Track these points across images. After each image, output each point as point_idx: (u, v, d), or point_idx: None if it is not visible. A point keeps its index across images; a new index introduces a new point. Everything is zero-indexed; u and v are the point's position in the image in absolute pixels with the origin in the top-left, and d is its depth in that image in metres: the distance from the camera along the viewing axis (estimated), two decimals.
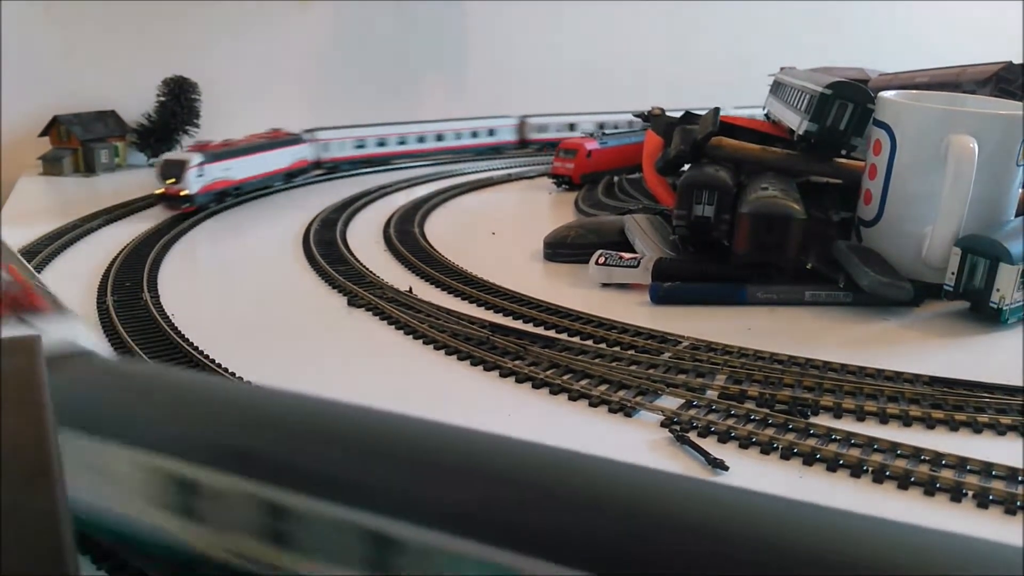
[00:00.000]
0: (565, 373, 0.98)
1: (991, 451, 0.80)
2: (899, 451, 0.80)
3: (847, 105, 1.34)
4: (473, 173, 2.27)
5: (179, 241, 1.56)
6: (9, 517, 0.34)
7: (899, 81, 1.64)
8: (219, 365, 0.98)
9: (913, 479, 0.76)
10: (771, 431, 0.84)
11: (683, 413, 0.88)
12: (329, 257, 1.46)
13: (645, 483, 0.45)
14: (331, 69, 2.55)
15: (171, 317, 1.14)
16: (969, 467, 0.78)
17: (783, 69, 1.94)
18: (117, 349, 1.03)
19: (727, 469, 0.78)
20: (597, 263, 1.32)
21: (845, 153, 1.41)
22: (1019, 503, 0.72)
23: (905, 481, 0.76)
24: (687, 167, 1.44)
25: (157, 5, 2.28)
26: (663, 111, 1.90)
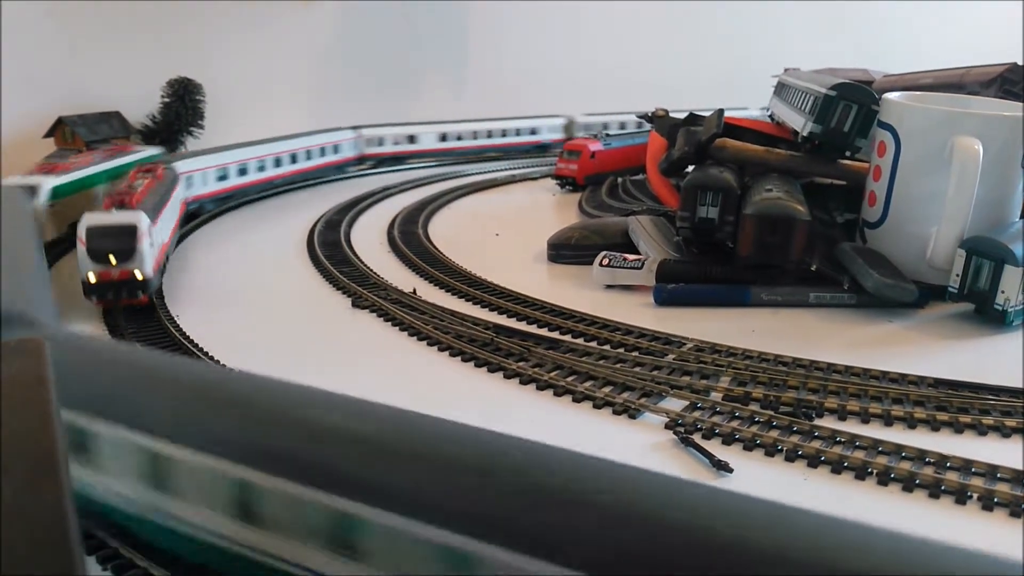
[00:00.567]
0: (569, 375, 0.98)
1: (996, 454, 0.80)
2: (904, 453, 0.80)
3: (851, 106, 1.34)
4: (477, 174, 2.28)
5: (181, 242, 1.57)
6: (15, 517, 0.34)
7: (903, 82, 1.64)
8: (223, 365, 0.98)
9: (918, 481, 0.76)
10: (775, 433, 0.84)
11: (687, 415, 0.88)
12: (333, 258, 1.46)
13: (643, 486, 0.44)
14: (336, 69, 2.55)
15: (176, 318, 1.15)
16: (974, 470, 0.78)
17: (787, 70, 1.94)
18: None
19: (731, 471, 0.78)
20: (601, 265, 1.32)
21: (849, 155, 1.41)
22: (1023, 506, 0.72)
23: (910, 484, 0.76)
24: (691, 168, 1.44)
25: (161, 6, 2.28)
26: (667, 112, 1.90)
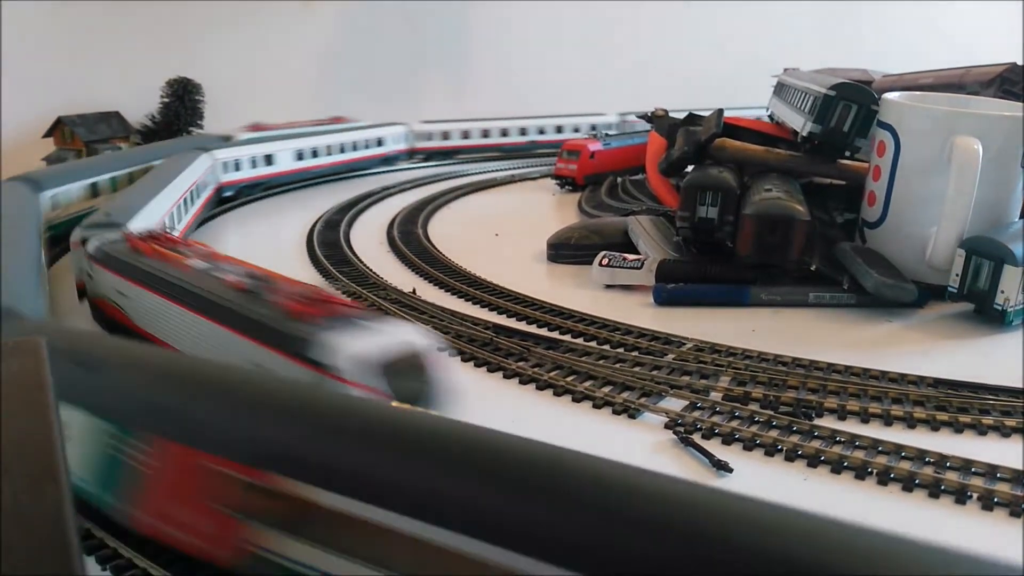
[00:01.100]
0: (569, 375, 0.98)
1: (996, 453, 0.80)
2: (903, 453, 0.80)
3: (851, 106, 1.34)
4: (477, 174, 2.28)
5: None
6: (15, 519, 0.34)
7: (903, 82, 1.63)
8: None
9: (918, 481, 0.76)
10: (775, 433, 0.84)
11: (687, 415, 0.88)
12: (333, 258, 1.46)
13: (642, 486, 0.44)
14: (335, 69, 2.56)
15: None
16: (974, 469, 0.78)
17: (786, 70, 1.94)
18: None
19: (731, 471, 0.78)
20: (601, 264, 1.32)
21: (849, 155, 1.41)
22: (1023, 505, 0.72)
23: (910, 483, 0.76)
24: (690, 168, 1.44)
25: (161, 6, 2.28)
26: (666, 112, 1.90)
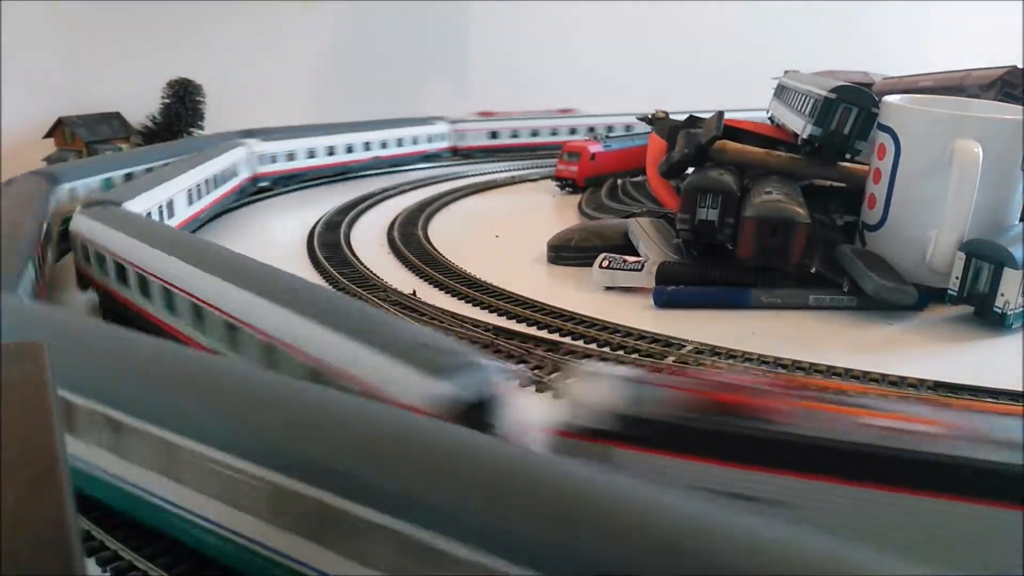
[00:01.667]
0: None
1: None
2: None
3: (851, 109, 1.34)
4: (477, 176, 2.28)
5: None
6: (15, 523, 0.34)
7: (903, 85, 1.64)
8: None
9: None
10: None
11: None
12: (333, 259, 1.46)
13: (638, 496, 0.44)
14: (335, 70, 2.56)
15: None
16: None
17: (787, 72, 1.94)
18: None
19: None
20: (601, 266, 1.32)
21: (849, 157, 1.41)
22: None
23: None
24: (691, 171, 1.44)
25: (161, 7, 2.29)
26: (667, 114, 1.90)
